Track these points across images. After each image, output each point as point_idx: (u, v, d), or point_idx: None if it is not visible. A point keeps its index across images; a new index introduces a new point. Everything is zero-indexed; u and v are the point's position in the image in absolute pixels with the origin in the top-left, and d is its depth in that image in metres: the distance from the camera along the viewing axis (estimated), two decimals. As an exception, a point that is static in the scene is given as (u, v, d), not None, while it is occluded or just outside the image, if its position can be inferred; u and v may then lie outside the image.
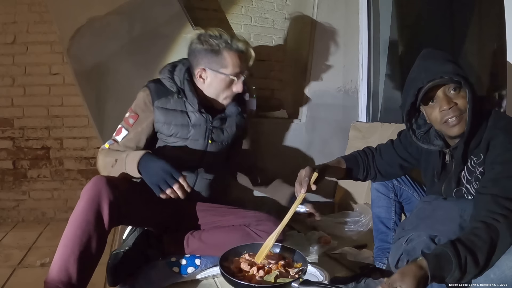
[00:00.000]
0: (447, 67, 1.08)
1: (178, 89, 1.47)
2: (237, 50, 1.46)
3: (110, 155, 1.40)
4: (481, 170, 1.08)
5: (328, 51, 2.35)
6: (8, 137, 2.41)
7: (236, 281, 1.16)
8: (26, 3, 2.34)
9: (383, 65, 2.45)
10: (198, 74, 1.48)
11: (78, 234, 1.16)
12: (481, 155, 1.08)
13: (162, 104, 1.46)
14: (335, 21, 2.36)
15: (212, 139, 1.54)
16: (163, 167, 1.24)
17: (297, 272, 1.25)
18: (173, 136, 1.49)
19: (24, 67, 2.38)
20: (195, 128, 1.50)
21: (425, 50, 1.17)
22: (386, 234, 1.46)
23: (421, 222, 1.15)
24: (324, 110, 2.33)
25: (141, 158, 1.27)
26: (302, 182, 1.21)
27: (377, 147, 1.42)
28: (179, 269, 1.43)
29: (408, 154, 1.34)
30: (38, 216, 2.47)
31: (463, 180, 1.15)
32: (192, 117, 1.50)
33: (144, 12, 2.00)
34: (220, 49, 1.44)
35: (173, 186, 1.24)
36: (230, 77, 1.46)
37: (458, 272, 0.90)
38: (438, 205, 1.14)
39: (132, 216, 1.37)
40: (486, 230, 0.94)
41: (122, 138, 1.44)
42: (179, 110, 1.48)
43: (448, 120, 1.09)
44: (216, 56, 1.44)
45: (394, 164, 1.37)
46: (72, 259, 1.13)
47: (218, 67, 1.45)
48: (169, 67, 1.52)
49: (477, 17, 2.16)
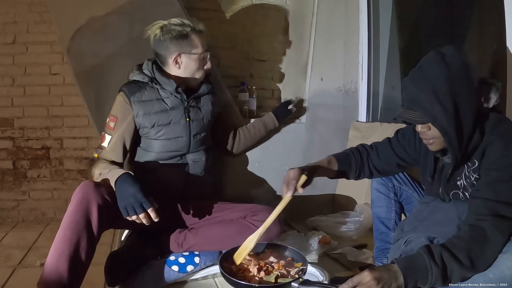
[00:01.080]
0: (423, 99, 1.04)
1: (150, 79, 1.56)
2: (200, 31, 1.59)
3: (97, 166, 1.44)
4: (476, 176, 1.08)
5: (328, 51, 2.35)
6: (8, 137, 2.41)
7: (236, 281, 1.16)
8: (26, 3, 2.34)
9: (383, 65, 2.45)
10: (174, 61, 1.57)
11: (67, 235, 1.18)
12: (475, 162, 1.07)
13: (138, 98, 1.54)
14: (335, 21, 2.36)
15: (190, 117, 1.61)
16: (134, 195, 1.24)
17: (297, 272, 1.25)
18: (156, 125, 1.55)
19: (24, 67, 2.38)
20: (173, 111, 1.58)
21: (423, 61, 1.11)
22: (386, 234, 1.46)
23: (419, 223, 1.15)
24: (324, 110, 2.33)
25: (118, 178, 1.28)
26: (289, 185, 1.18)
27: (372, 145, 1.40)
28: (178, 267, 1.43)
29: (406, 154, 1.33)
30: (38, 216, 2.48)
31: (459, 185, 1.14)
32: (168, 101, 1.58)
33: (144, 12, 2.00)
34: (187, 32, 1.55)
35: (139, 214, 1.25)
36: (202, 55, 1.58)
37: (437, 269, 0.91)
38: (436, 207, 1.15)
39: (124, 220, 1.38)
40: (468, 230, 0.96)
41: (108, 144, 1.51)
42: (154, 99, 1.56)
43: (423, 139, 1.13)
44: (186, 40, 1.55)
45: (392, 163, 1.36)
46: (62, 260, 1.15)
47: (190, 49, 1.56)
48: (135, 66, 1.64)
49: (477, 17, 2.17)
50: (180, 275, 1.44)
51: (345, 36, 2.40)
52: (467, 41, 2.21)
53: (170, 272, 1.42)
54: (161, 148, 1.57)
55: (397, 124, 2.05)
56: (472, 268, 0.93)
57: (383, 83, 2.46)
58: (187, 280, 1.47)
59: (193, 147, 1.63)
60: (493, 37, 1.96)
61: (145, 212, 1.25)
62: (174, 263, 1.44)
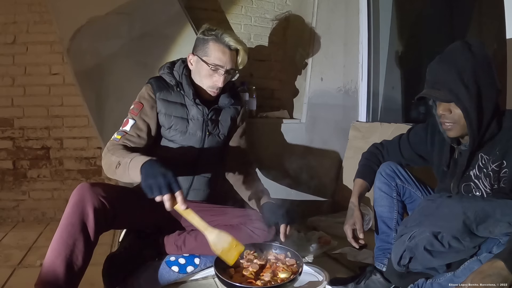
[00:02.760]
0: (449, 80, 1.09)
1: (176, 82, 1.55)
2: (223, 44, 1.51)
3: (115, 153, 1.35)
4: (493, 168, 1.10)
5: (328, 51, 2.35)
6: (8, 137, 2.41)
7: (232, 284, 1.17)
8: (26, 3, 2.33)
9: (383, 65, 2.45)
10: (188, 58, 1.58)
11: (64, 237, 1.18)
12: (497, 153, 1.10)
13: (164, 96, 1.54)
14: (335, 21, 2.36)
15: (208, 131, 1.60)
16: (165, 174, 1.14)
17: (293, 271, 1.27)
18: (173, 128, 1.55)
19: (24, 67, 2.38)
20: (193, 121, 1.57)
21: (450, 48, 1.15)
22: (388, 234, 1.45)
23: (424, 219, 1.15)
24: (324, 110, 2.33)
25: (148, 160, 1.20)
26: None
27: (384, 146, 1.47)
28: (178, 268, 1.43)
29: (416, 156, 1.38)
30: (38, 216, 2.47)
31: (472, 176, 1.16)
32: (190, 110, 1.57)
33: (144, 12, 2.00)
34: (208, 39, 1.52)
35: (164, 195, 1.13)
36: (209, 65, 1.51)
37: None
38: (442, 203, 1.15)
39: (124, 221, 1.38)
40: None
41: (131, 127, 1.47)
42: (179, 103, 1.56)
43: (444, 123, 1.15)
44: (203, 44, 1.53)
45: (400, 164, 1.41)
46: (59, 261, 1.15)
47: (202, 54, 1.53)
48: (168, 64, 1.62)
49: (477, 16, 2.16)
50: (180, 275, 1.44)
51: (345, 36, 2.40)
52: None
53: (170, 272, 1.42)
54: (170, 152, 1.55)
55: (397, 125, 2.06)
56: None
57: (383, 83, 2.46)
58: (187, 281, 1.47)
59: (202, 161, 1.61)
60: (493, 37, 1.96)
61: (170, 194, 1.13)
62: (174, 263, 1.44)
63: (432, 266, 1.13)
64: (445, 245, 1.06)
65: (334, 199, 2.30)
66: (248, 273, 1.25)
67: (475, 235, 1.03)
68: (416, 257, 1.12)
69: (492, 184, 1.12)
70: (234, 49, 1.53)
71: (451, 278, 1.07)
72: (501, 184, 1.10)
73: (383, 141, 1.50)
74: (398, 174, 1.40)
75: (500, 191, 1.11)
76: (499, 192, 1.11)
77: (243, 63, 1.58)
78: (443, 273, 1.11)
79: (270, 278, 1.22)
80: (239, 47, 1.53)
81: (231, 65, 1.53)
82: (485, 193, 1.14)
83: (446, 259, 1.10)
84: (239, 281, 1.19)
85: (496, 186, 1.11)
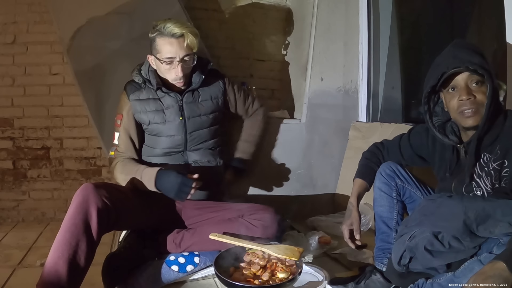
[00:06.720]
0: (475, 59, 1.09)
1: (144, 80, 1.61)
2: (168, 36, 1.51)
3: (118, 170, 1.53)
4: (495, 167, 1.10)
5: (328, 51, 2.35)
6: (8, 137, 2.41)
7: (232, 283, 1.17)
8: (26, 3, 2.34)
9: (383, 65, 2.45)
10: (149, 60, 1.61)
11: (67, 237, 1.18)
12: (498, 152, 1.10)
13: (135, 97, 1.61)
14: (335, 21, 2.36)
15: (187, 115, 1.63)
16: (176, 181, 1.38)
17: (292, 271, 1.27)
18: (152, 122, 1.62)
19: (24, 67, 2.38)
20: (169, 110, 1.62)
21: (457, 39, 1.18)
22: (388, 234, 1.45)
23: (424, 218, 1.14)
24: (324, 110, 2.33)
25: (156, 177, 1.42)
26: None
27: (384, 146, 1.47)
28: (178, 267, 1.43)
29: (417, 157, 1.38)
30: (38, 216, 2.47)
31: (474, 174, 1.16)
32: (164, 101, 1.62)
33: (144, 12, 2.00)
34: (154, 36, 1.54)
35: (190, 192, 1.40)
36: (162, 62, 1.53)
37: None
38: (442, 203, 1.14)
39: (125, 221, 1.39)
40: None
41: (117, 140, 1.61)
42: (151, 98, 1.62)
43: (464, 111, 1.11)
44: (153, 42, 1.56)
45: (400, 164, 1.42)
46: (61, 262, 1.15)
47: (155, 52, 1.56)
48: (138, 65, 1.68)
49: (477, 16, 2.16)
50: (180, 275, 1.44)
51: (345, 36, 2.40)
52: (467, 41, 2.21)
53: (169, 272, 1.42)
54: (160, 145, 1.63)
55: (397, 125, 2.05)
56: None
57: (383, 83, 2.46)
58: (187, 280, 1.47)
59: (191, 145, 1.65)
60: (493, 36, 1.95)
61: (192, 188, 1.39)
62: (173, 263, 1.44)
63: (432, 266, 1.13)
64: (445, 245, 1.06)
65: (334, 199, 2.30)
66: (248, 272, 1.25)
67: (476, 235, 1.03)
68: (416, 257, 1.12)
69: (493, 183, 1.12)
70: (181, 35, 1.51)
71: (451, 278, 1.07)
72: (502, 183, 1.10)
73: (383, 141, 1.50)
74: (398, 174, 1.39)
75: (501, 190, 1.11)
76: (500, 191, 1.11)
77: (193, 43, 1.55)
78: (443, 273, 1.11)
79: (269, 278, 1.22)
80: (183, 31, 1.51)
81: (182, 52, 1.52)
82: (486, 192, 1.14)
83: (446, 259, 1.09)
84: (238, 280, 1.19)
85: (497, 186, 1.11)
